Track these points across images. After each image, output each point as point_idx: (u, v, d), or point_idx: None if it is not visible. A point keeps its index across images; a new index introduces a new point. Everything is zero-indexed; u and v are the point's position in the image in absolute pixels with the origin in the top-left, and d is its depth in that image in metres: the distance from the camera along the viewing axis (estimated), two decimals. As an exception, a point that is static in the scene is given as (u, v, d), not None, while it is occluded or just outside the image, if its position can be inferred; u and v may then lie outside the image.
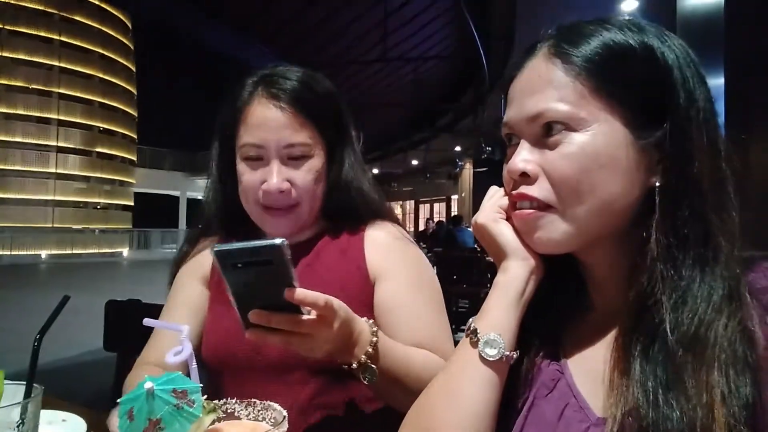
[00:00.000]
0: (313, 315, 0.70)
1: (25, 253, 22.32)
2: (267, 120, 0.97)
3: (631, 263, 0.59)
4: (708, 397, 0.48)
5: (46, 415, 0.87)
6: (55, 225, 24.22)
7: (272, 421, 0.54)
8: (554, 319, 0.68)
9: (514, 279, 0.65)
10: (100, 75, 26.73)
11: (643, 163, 0.58)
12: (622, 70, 0.59)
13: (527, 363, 0.66)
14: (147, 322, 0.61)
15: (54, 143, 24.77)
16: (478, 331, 0.63)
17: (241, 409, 0.56)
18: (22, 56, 23.56)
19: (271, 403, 0.55)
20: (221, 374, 1.01)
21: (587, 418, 0.58)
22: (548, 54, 0.62)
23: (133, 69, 29.62)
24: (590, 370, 0.62)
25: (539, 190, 0.61)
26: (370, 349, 0.80)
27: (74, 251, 23.88)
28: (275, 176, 0.96)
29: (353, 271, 1.01)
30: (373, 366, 0.80)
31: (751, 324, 0.51)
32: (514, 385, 0.65)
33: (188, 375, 0.54)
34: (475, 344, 0.63)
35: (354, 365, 0.80)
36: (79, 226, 25.40)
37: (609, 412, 0.54)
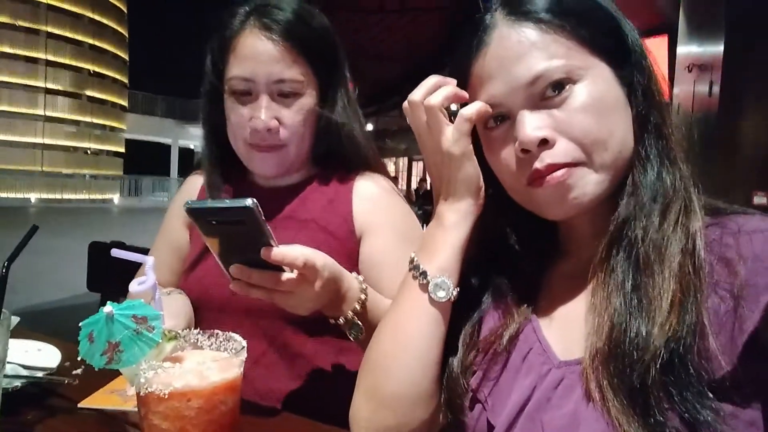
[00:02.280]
0: (293, 274, 0.69)
1: (14, 195, 22.17)
2: (257, 52, 0.91)
3: (611, 206, 0.60)
4: (667, 304, 0.52)
5: (22, 344, 0.89)
6: (45, 168, 23.97)
7: (233, 351, 0.56)
8: (525, 267, 0.69)
9: (464, 221, 0.65)
10: (90, 14, 25.89)
11: (624, 98, 0.61)
12: (583, 12, 0.60)
13: (496, 310, 0.67)
14: (114, 252, 0.62)
15: (42, 84, 24.21)
16: (428, 274, 0.64)
17: (204, 339, 0.58)
18: (7, -10, 22.74)
19: (233, 335, 0.57)
20: (199, 314, 1.00)
21: (549, 361, 0.60)
22: (510, 21, 0.60)
23: (125, 10, 28.69)
24: (556, 317, 0.64)
25: (564, 152, 0.58)
26: (358, 306, 0.79)
27: (64, 196, 23.74)
28: (263, 113, 0.92)
29: (339, 223, 0.98)
30: (359, 323, 0.80)
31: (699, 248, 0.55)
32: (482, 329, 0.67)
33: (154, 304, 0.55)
34: (425, 287, 0.64)
35: (341, 321, 0.79)
36: (69, 171, 25.16)
37: (587, 344, 0.57)
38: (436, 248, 0.65)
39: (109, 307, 0.49)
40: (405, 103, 0.67)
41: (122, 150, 28.85)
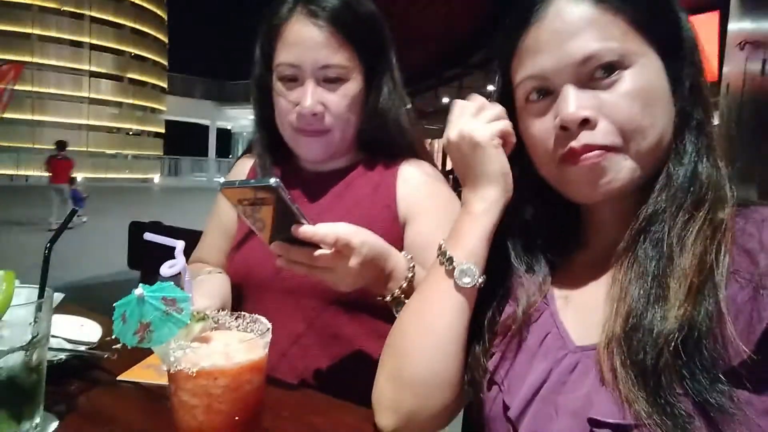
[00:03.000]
0: (329, 250, 0.70)
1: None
2: (304, 38, 0.92)
3: (637, 199, 0.60)
4: (684, 291, 0.52)
5: (65, 319, 0.94)
6: (90, 149, 24.81)
7: (258, 332, 0.58)
8: (545, 255, 0.70)
9: (491, 209, 0.66)
10: (131, -2, 26.42)
11: (668, 91, 0.60)
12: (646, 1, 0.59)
13: (515, 295, 0.68)
14: (147, 236, 0.64)
15: (87, 67, 24.95)
16: (455, 260, 0.64)
17: (231, 321, 0.60)
18: (53, -24, 23.37)
19: (259, 317, 0.59)
20: (243, 293, 1.04)
21: (566, 346, 0.60)
22: None
23: (164, -8, 29.15)
24: (576, 303, 0.65)
25: (604, 135, 0.57)
26: (404, 284, 0.79)
27: (108, 175, 24.57)
28: (309, 98, 0.93)
29: (382, 210, 0.99)
30: (405, 301, 0.79)
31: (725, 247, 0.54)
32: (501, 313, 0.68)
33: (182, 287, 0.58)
34: (450, 273, 0.65)
35: (387, 298, 0.80)
36: (113, 151, 25.97)
37: (604, 329, 0.57)
38: (464, 235, 0.66)
39: (140, 290, 0.51)
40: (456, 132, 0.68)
41: (162, 131, 29.59)
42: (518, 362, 0.63)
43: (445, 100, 28.03)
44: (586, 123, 0.57)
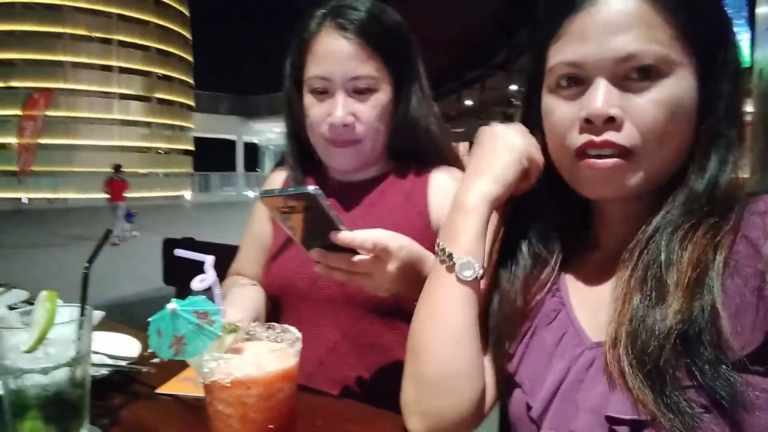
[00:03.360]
0: (367, 256, 0.71)
1: (95, 196, 23.77)
2: (333, 51, 0.94)
3: (651, 201, 0.61)
4: (682, 289, 0.53)
5: (106, 336, 0.97)
6: (122, 169, 25.50)
7: (288, 342, 0.59)
8: (559, 256, 0.71)
9: (483, 203, 0.66)
10: (156, 20, 27.19)
11: (700, 103, 0.59)
12: (700, 10, 0.58)
13: (532, 297, 0.69)
14: (177, 252, 0.66)
15: (116, 90, 25.74)
16: (454, 256, 0.66)
17: (262, 332, 0.62)
18: (83, 5, 24.23)
19: (289, 327, 0.60)
20: (280, 304, 1.06)
21: (582, 343, 0.61)
22: None
23: (187, 13, 29.88)
24: (590, 302, 0.65)
25: (626, 137, 0.57)
26: None
27: (141, 195, 25.21)
28: (340, 109, 0.95)
29: (414, 217, 1.00)
30: None
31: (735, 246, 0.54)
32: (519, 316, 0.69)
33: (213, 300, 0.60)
34: (451, 268, 0.66)
35: None
36: (144, 171, 26.65)
37: (607, 332, 0.58)
38: (459, 231, 0.67)
39: (173, 304, 0.53)
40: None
41: (191, 148, 30.21)
42: (537, 362, 0.64)
43: (468, 102, 27.90)
44: (611, 121, 0.57)
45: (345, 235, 0.69)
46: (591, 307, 0.64)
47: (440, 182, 1.03)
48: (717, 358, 0.50)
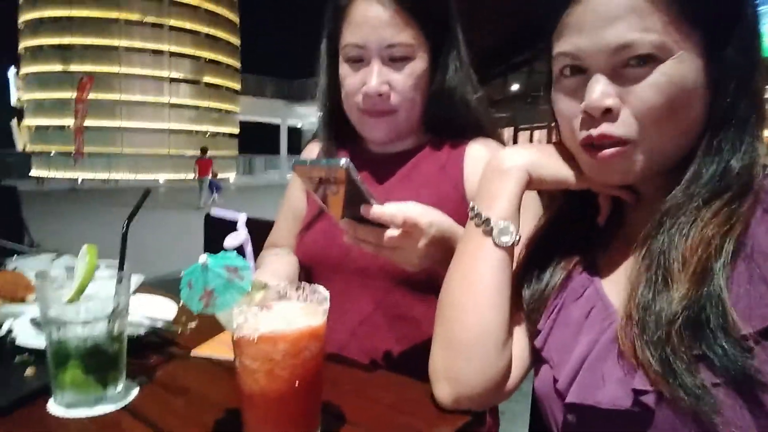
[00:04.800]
0: (397, 231, 0.70)
1: (146, 177, 24.68)
2: (369, 18, 0.92)
3: (673, 177, 0.60)
4: (689, 275, 0.53)
5: (145, 298, 1.00)
6: (171, 152, 26.37)
7: (317, 301, 0.59)
8: (587, 233, 0.71)
9: (519, 168, 0.67)
10: (206, 5, 27.76)
11: (709, 83, 0.57)
12: None
13: (561, 272, 0.69)
14: (213, 212, 0.67)
15: (167, 74, 26.50)
16: (491, 221, 0.66)
17: (292, 292, 0.61)
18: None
19: (318, 286, 0.60)
20: (313, 274, 1.06)
21: (610, 317, 0.61)
22: None
23: (235, -2, 30.36)
24: (618, 277, 0.64)
25: (623, 127, 0.58)
26: None
27: (188, 176, 26.03)
28: (375, 77, 0.93)
29: (449, 190, 0.98)
30: None
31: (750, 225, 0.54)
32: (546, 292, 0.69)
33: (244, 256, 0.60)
34: (488, 233, 0.66)
35: None
36: (192, 153, 27.43)
37: (624, 307, 0.58)
38: (494, 196, 0.67)
39: (204, 257, 0.53)
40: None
41: (237, 131, 30.85)
42: (565, 337, 0.63)
43: (515, 87, 27.30)
44: (609, 112, 0.57)
45: (375, 210, 0.68)
46: (619, 282, 0.63)
47: (476, 153, 1.00)
48: (727, 339, 0.50)
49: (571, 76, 0.62)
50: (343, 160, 0.63)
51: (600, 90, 0.58)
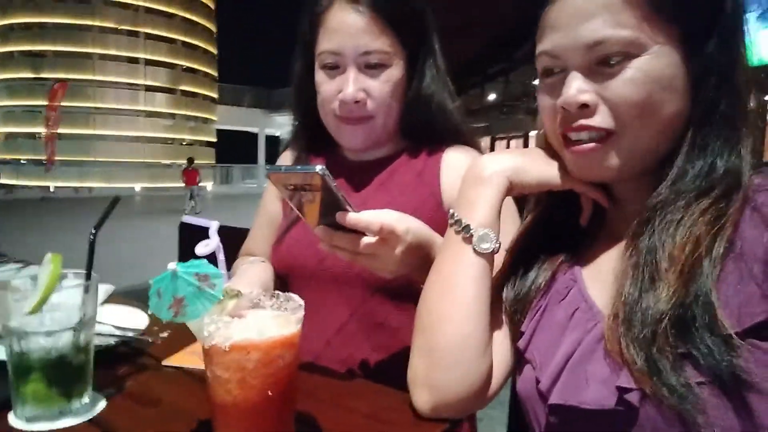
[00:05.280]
0: (373, 238, 0.70)
1: (121, 185, 24.24)
2: (345, 25, 0.92)
3: (655, 177, 0.60)
4: (676, 274, 0.53)
5: (116, 308, 0.98)
6: (146, 160, 25.98)
7: (291, 309, 0.57)
8: (570, 234, 0.71)
9: (498, 175, 0.67)
10: (182, 13, 27.56)
11: (690, 78, 0.58)
12: None
13: (545, 273, 0.69)
14: (185, 219, 0.66)
15: (142, 82, 26.17)
16: (471, 228, 0.65)
17: (266, 300, 0.60)
18: (111, -3, 24.72)
19: (292, 295, 0.59)
20: (287, 282, 1.04)
21: (595, 317, 0.60)
22: None
23: (213, 6, 30.18)
24: (602, 277, 0.64)
25: (601, 120, 0.58)
26: None
27: (164, 185, 25.62)
28: (351, 85, 0.92)
29: (426, 197, 0.98)
30: None
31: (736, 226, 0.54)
32: (531, 294, 0.69)
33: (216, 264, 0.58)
34: (468, 240, 0.66)
35: None
36: (168, 161, 27.06)
37: (610, 304, 0.58)
38: (474, 202, 0.67)
39: (173, 265, 0.52)
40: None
41: (214, 140, 30.57)
42: (548, 339, 0.63)
43: (491, 96, 27.63)
44: (585, 107, 0.58)
45: (352, 217, 0.67)
46: (603, 282, 0.63)
47: (453, 161, 1.00)
48: (713, 338, 0.50)
49: (552, 75, 0.63)
50: (319, 167, 0.62)
51: (576, 86, 0.59)
